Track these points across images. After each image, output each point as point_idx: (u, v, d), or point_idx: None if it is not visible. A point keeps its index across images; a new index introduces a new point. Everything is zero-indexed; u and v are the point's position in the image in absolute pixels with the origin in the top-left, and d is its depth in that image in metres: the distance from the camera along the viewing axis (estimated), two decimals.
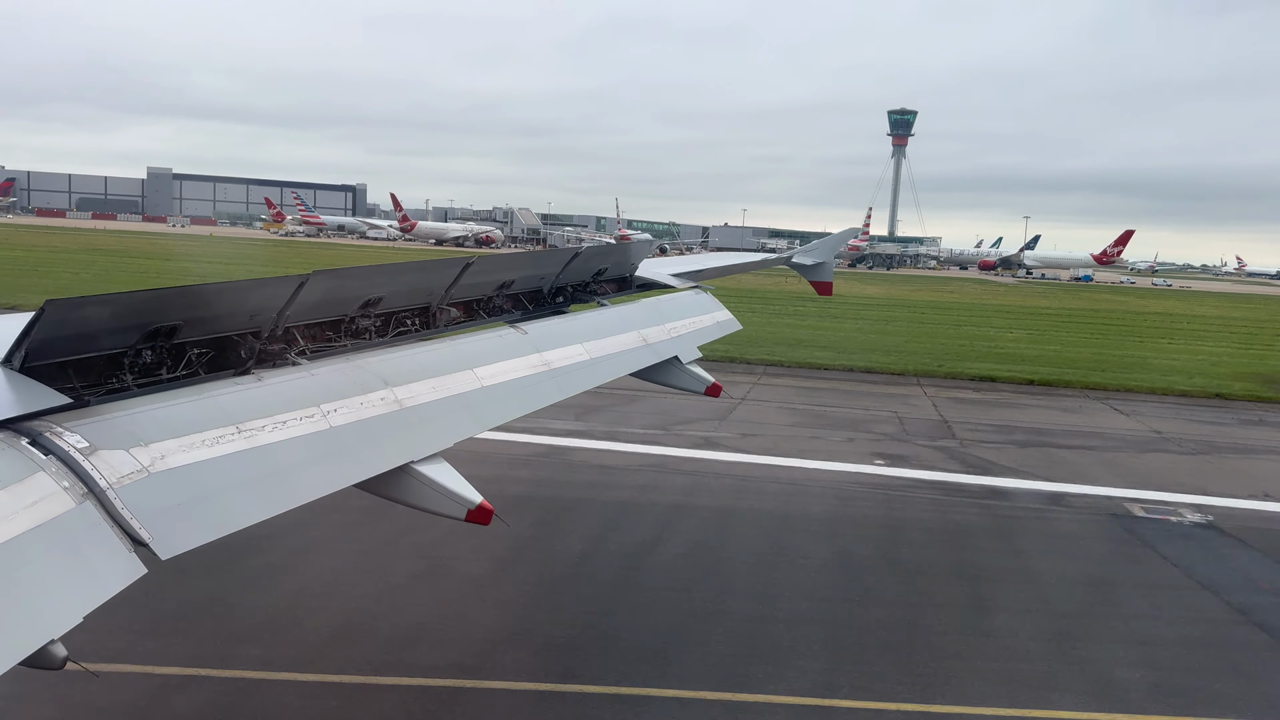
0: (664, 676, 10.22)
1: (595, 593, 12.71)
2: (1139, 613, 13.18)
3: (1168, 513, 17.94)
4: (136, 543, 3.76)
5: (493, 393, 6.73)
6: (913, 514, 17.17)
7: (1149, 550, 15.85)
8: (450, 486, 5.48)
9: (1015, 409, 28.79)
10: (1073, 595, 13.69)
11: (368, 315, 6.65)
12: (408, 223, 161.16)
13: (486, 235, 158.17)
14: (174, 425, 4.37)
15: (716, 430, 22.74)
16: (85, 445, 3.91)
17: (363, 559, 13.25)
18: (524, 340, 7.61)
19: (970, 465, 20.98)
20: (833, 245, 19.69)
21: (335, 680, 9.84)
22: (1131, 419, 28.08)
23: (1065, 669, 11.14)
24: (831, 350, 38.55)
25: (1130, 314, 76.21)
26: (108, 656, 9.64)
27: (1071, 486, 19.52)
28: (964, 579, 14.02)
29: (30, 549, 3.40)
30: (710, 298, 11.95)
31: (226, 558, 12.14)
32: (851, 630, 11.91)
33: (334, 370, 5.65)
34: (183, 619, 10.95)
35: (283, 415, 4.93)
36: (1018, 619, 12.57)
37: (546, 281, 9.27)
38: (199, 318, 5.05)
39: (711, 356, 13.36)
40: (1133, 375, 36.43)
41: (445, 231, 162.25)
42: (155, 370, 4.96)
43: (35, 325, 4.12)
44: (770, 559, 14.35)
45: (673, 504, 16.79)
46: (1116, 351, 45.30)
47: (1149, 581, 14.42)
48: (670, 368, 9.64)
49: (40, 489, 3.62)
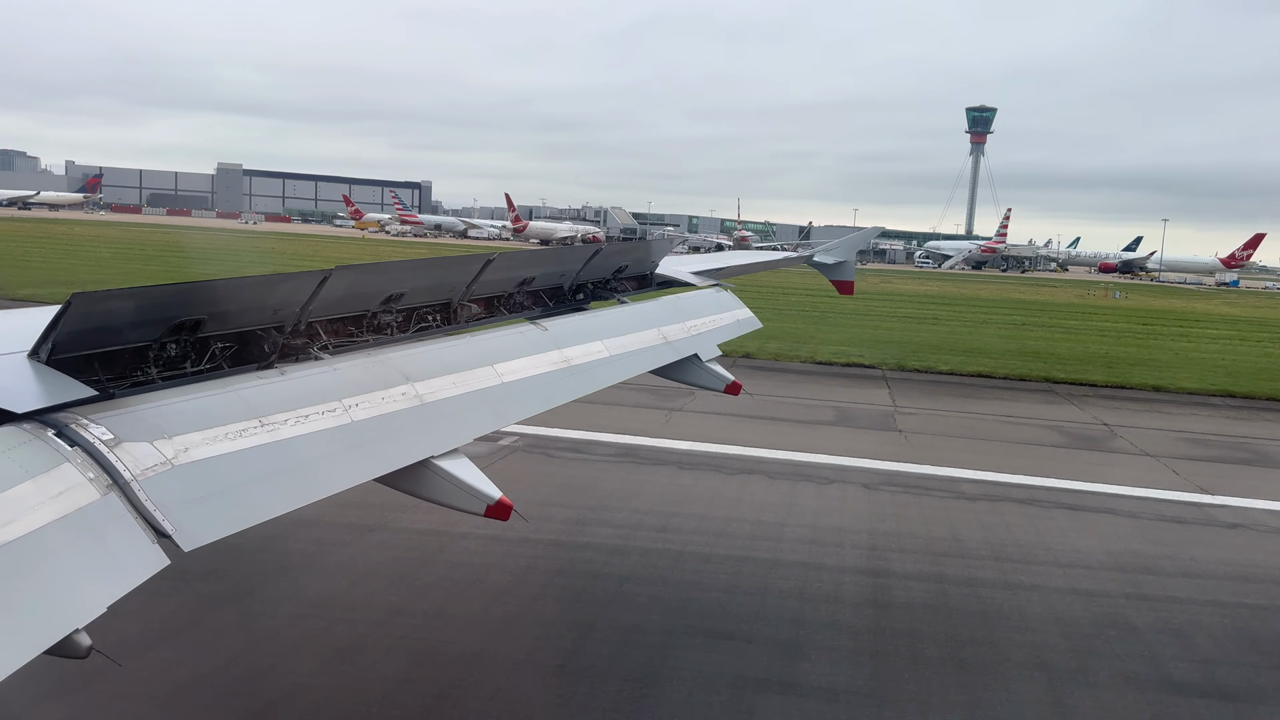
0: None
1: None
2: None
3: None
4: (160, 534, 3.79)
5: (513, 389, 6.74)
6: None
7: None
8: (470, 481, 5.50)
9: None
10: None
11: (390, 311, 6.69)
12: (520, 223, 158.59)
13: (593, 236, 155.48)
14: (198, 418, 4.41)
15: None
16: (110, 437, 3.95)
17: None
18: (545, 337, 7.63)
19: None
20: (854, 244, 19.60)
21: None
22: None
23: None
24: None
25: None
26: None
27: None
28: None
29: (56, 539, 3.44)
30: (731, 295, 11.93)
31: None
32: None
33: (356, 365, 5.69)
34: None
35: (305, 409, 4.96)
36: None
37: (567, 279, 9.29)
38: (223, 312, 5.09)
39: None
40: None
41: (554, 231, 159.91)
42: (180, 364, 5.00)
43: (62, 318, 4.16)
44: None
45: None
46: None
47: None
48: (690, 365, 9.63)
49: (66, 480, 3.65)
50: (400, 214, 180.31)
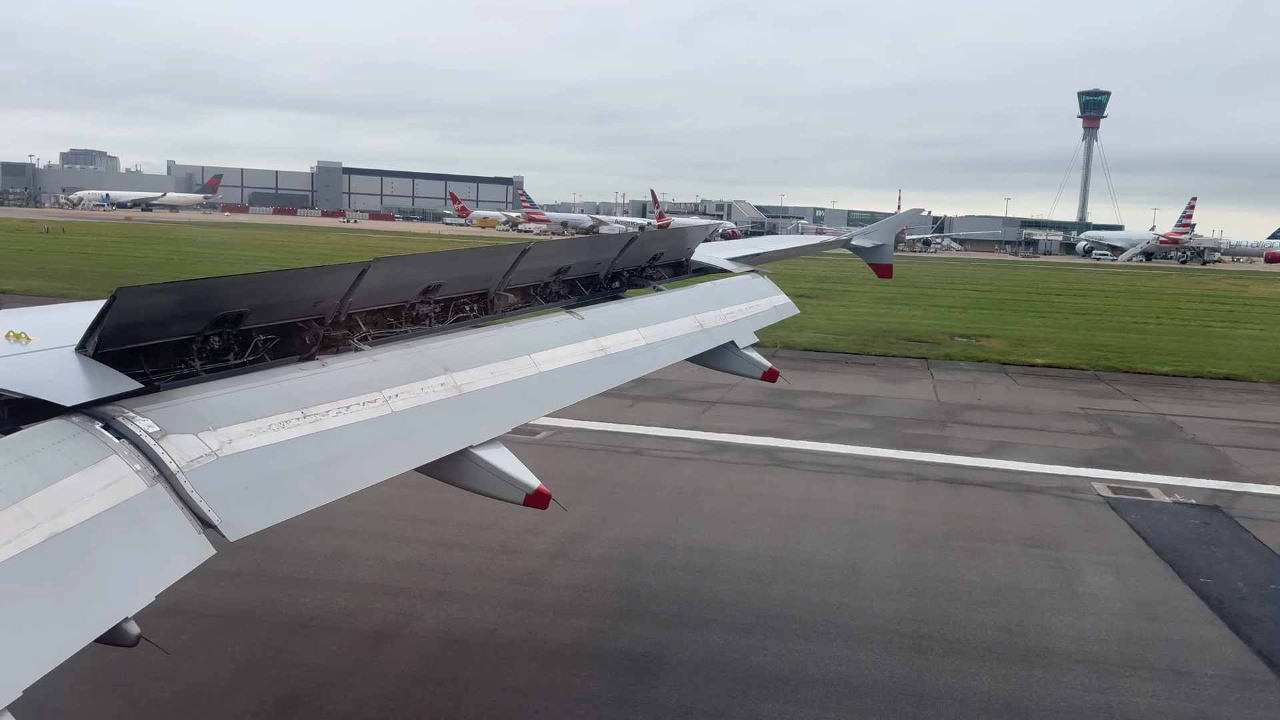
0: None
1: None
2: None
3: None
4: (205, 524, 3.85)
5: (550, 378, 6.75)
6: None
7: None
8: (509, 471, 5.51)
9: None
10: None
11: (428, 301, 6.72)
12: (665, 219, 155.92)
13: (731, 231, 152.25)
14: (241, 410, 4.46)
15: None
16: (156, 429, 4.01)
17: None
18: (580, 326, 7.62)
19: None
20: (892, 226, 19.33)
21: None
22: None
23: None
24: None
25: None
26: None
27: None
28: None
29: (104, 530, 3.50)
30: (767, 281, 11.83)
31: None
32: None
33: (395, 356, 5.72)
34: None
35: (346, 400, 5.00)
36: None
37: (603, 267, 9.27)
38: (265, 304, 5.14)
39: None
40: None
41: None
42: (223, 356, 5.06)
43: (107, 312, 4.23)
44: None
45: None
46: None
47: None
48: (726, 353, 9.58)
49: (113, 472, 3.72)
50: (528, 211, 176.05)
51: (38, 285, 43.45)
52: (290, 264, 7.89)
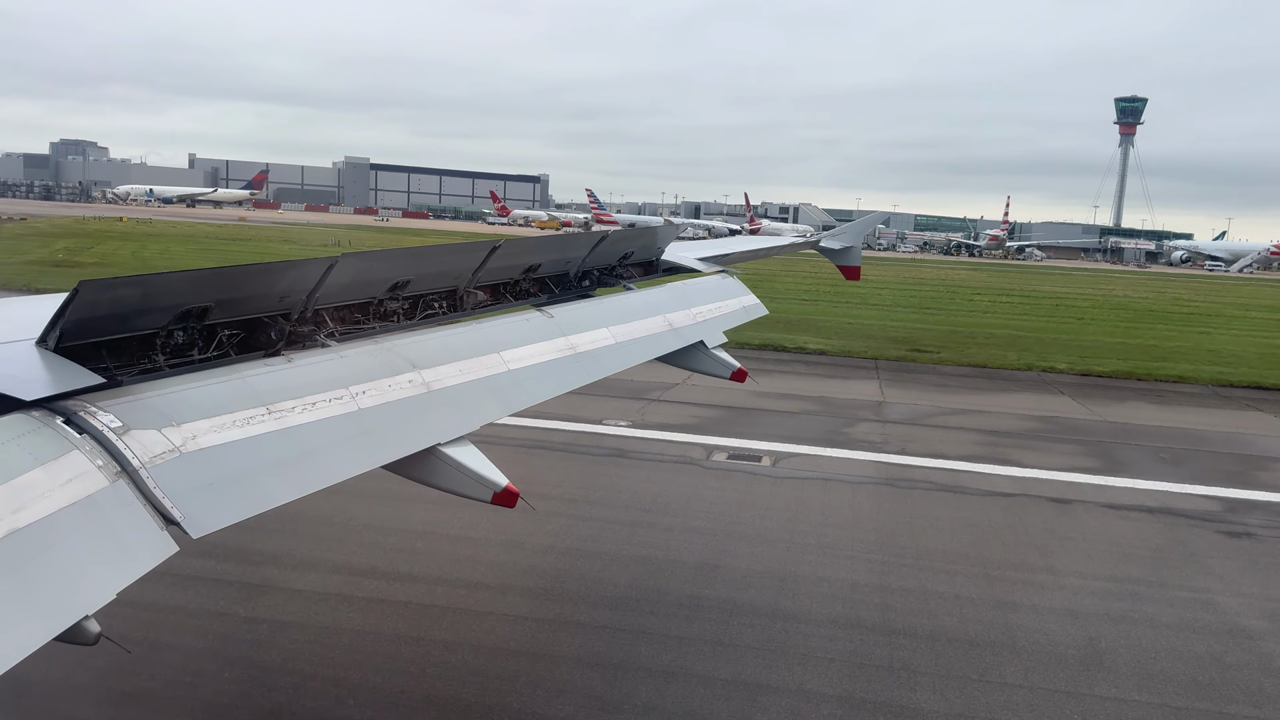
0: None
1: None
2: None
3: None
4: (168, 521, 3.81)
5: (519, 376, 6.74)
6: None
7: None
8: (477, 469, 5.49)
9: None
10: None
11: (396, 298, 6.68)
12: (756, 224, 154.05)
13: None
14: (205, 406, 4.41)
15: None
16: (118, 425, 3.96)
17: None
18: (550, 324, 7.62)
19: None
20: (861, 229, 19.53)
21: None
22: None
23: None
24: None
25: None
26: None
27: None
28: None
29: (65, 526, 3.45)
30: (737, 282, 11.89)
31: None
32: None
33: (363, 352, 5.68)
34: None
35: (312, 397, 4.96)
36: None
37: (573, 265, 9.27)
38: (230, 299, 5.08)
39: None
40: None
41: (780, 231, 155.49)
42: (187, 351, 5.00)
43: (70, 306, 4.16)
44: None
45: None
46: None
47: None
48: (696, 352, 9.61)
49: (75, 467, 3.66)
50: (596, 213, 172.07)
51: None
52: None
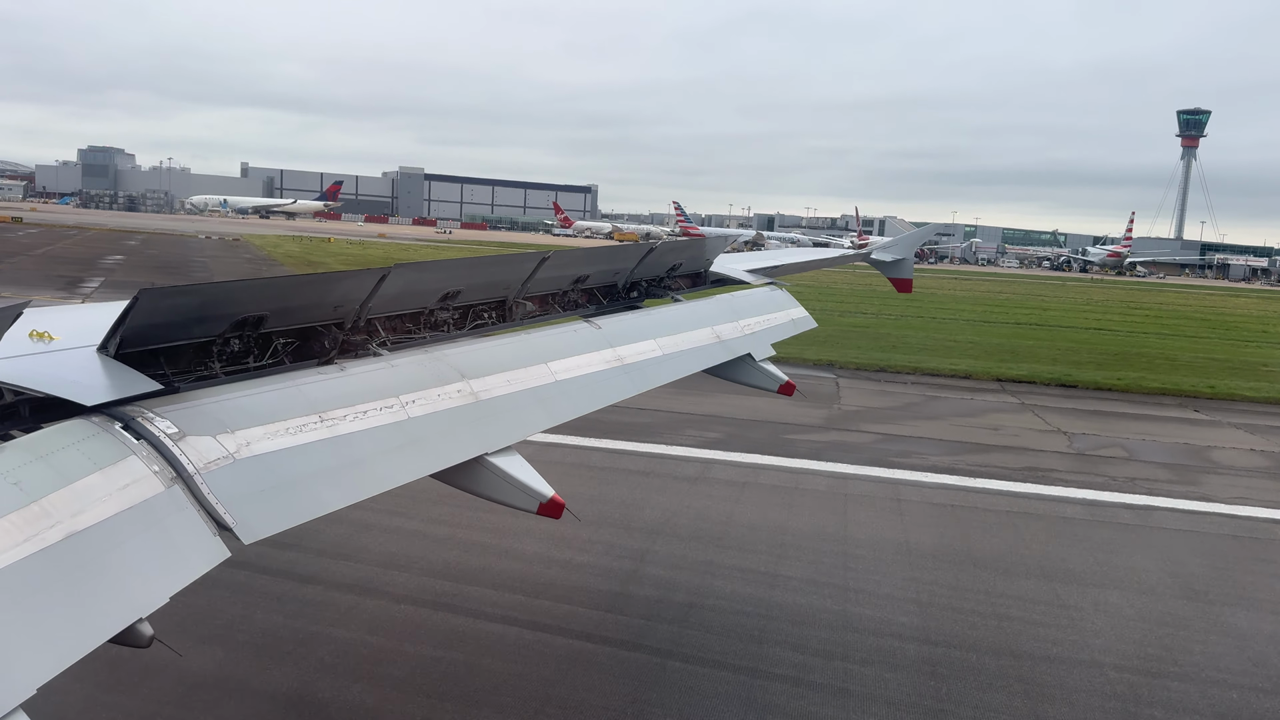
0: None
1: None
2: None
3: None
4: (221, 527, 3.86)
5: (565, 387, 6.74)
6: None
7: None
8: (523, 479, 5.50)
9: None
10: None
11: (446, 308, 6.74)
12: (864, 239, 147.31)
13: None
14: (259, 413, 4.48)
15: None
16: (175, 431, 4.03)
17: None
18: (597, 335, 7.62)
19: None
20: (913, 242, 19.25)
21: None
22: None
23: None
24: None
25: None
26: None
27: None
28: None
29: (121, 531, 3.51)
30: (785, 294, 11.80)
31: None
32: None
33: (413, 362, 5.73)
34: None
35: (363, 405, 5.01)
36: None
37: (621, 276, 9.28)
38: (285, 308, 5.17)
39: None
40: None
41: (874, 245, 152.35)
42: (242, 359, 5.09)
43: (129, 313, 4.26)
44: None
45: None
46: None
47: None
48: (743, 365, 9.55)
49: (131, 472, 3.73)
50: (681, 225, 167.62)
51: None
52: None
